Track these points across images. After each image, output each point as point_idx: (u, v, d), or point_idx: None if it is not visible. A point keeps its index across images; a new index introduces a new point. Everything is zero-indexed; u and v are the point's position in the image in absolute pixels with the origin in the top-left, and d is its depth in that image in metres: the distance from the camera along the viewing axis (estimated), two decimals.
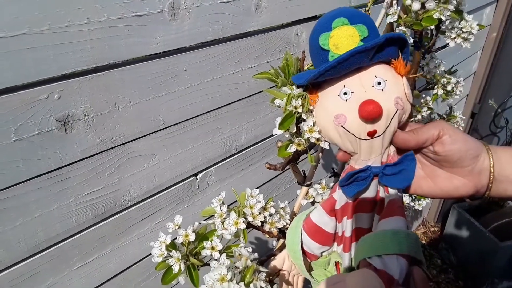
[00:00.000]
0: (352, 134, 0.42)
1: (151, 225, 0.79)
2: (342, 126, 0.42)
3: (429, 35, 0.98)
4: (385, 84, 0.42)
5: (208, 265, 0.53)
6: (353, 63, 0.41)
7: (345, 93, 0.42)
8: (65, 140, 0.61)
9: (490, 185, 0.42)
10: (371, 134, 0.42)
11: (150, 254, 0.77)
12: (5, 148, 0.55)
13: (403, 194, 0.46)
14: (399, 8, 0.75)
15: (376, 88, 0.41)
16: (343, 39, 0.42)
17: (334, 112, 0.42)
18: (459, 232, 2.13)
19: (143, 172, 0.74)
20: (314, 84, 0.45)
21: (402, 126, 0.45)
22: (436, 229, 2.44)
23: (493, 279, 1.94)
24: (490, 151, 0.43)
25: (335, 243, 0.49)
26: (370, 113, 0.40)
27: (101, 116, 0.64)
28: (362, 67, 0.43)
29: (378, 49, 0.42)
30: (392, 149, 0.45)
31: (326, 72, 0.41)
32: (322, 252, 0.50)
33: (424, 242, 2.36)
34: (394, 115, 0.42)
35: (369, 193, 0.45)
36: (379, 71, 0.43)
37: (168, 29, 0.68)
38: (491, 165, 0.42)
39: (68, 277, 0.69)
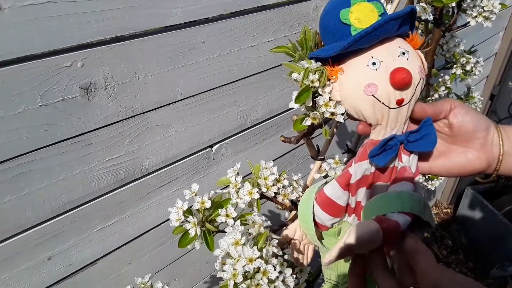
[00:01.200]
0: (382, 103, 0.43)
1: (167, 193, 0.82)
2: (373, 95, 0.42)
3: (450, 13, 0.96)
4: (408, 54, 0.43)
5: (223, 231, 0.55)
6: (384, 31, 0.42)
7: (373, 63, 0.42)
8: (88, 107, 0.64)
9: (501, 157, 0.43)
10: (400, 103, 0.43)
11: (167, 220, 0.80)
12: (32, 112, 0.58)
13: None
14: None
15: (402, 58, 0.43)
16: (365, 13, 0.43)
17: (365, 82, 0.43)
18: (471, 214, 2.13)
19: (161, 141, 0.76)
20: (335, 59, 0.45)
21: None
22: (449, 210, 2.44)
23: (503, 261, 1.94)
24: (497, 125, 0.44)
25: (346, 214, 0.50)
26: (403, 79, 0.41)
27: (122, 85, 0.66)
28: (385, 39, 0.44)
29: (401, 22, 0.43)
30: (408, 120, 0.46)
31: (360, 39, 0.41)
32: (332, 224, 0.51)
33: (436, 223, 2.37)
34: (419, 83, 0.43)
35: (389, 162, 0.46)
36: (401, 43, 0.44)
37: (187, 0, 0.68)
38: (500, 137, 0.43)
39: (89, 239, 0.73)
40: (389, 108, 0.43)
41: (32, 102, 0.58)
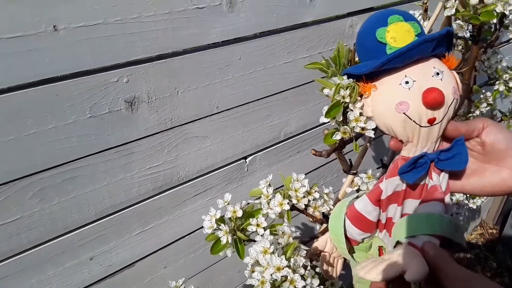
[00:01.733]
0: (413, 121, 0.43)
1: (202, 201, 0.86)
2: (404, 113, 0.43)
3: (493, 29, 0.94)
4: (442, 75, 0.43)
5: (253, 241, 0.57)
6: (419, 52, 0.43)
7: (406, 82, 0.43)
8: (131, 119, 0.68)
9: None
10: (431, 122, 0.43)
11: (201, 227, 0.83)
12: (81, 123, 0.64)
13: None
14: (456, 1, 0.74)
15: (435, 78, 0.43)
16: (401, 33, 0.43)
17: (397, 100, 0.43)
18: None
19: (197, 152, 0.80)
20: (369, 75, 0.46)
21: None
22: (494, 231, 2.32)
23: None
24: None
25: (377, 230, 0.51)
26: (435, 99, 0.42)
27: (163, 99, 0.71)
28: (420, 59, 0.44)
29: (437, 43, 0.44)
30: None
31: (394, 59, 0.42)
32: (363, 239, 0.52)
33: (480, 243, 2.26)
34: (451, 103, 0.44)
35: (420, 180, 0.46)
36: (436, 63, 0.45)
37: (225, 20, 0.72)
38: None
39: (129, 241, 0.77)
40: (420, 126, 0.44)
41: (82, 113, 0.63)
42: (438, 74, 0.43)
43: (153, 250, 0.82)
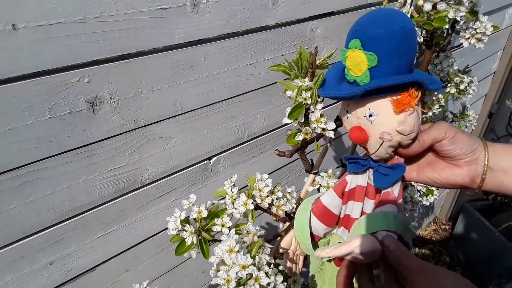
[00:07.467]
0: None
1: (166, 203, 0.85)
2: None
3: (445, 34, 1.00)
4: (375, 118, 0.45)
5: (218, 241, 0.58)
6: (362, 96, 0.44)
7: (347, 111, 0.48)
8: (93, 120, 0.67)
9: (484, 175, 0.46)
10: (365, 149, 0.48)
11: (165, 229, 0.83)
12: (40, 124, 0.62)
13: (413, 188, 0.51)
14: (412, 7, 0.78)
15: (366, 119, 0.45)
16: (354, 64, 0.44)
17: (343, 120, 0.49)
18: (469, 231, 2.14)
19: (161, 153, 0.80)
20: None
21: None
22: (447, 227, 2.45)
23: (500, 279, 1.95)
24: (486, 145, 0.47)
25: (336, 226, 0.53)
26: (354, 139, 0.46)
27: (125, 99, 0.70)
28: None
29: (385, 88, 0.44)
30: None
31: (333, 98, 0.48)
32: (325, 234, 0.54)
33: (434, 239, 2.38)
34: (382, 143, 0.46)
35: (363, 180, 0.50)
36: (374, 105, 0.44)
37: (189, 21, 0.72)
38: (486, 157, 0.46)
39: (90, 245, 0.76)
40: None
41: (41, 114, 0.61)
42: (370, 116, 0.45)
43: (116, 253, 0.81)
